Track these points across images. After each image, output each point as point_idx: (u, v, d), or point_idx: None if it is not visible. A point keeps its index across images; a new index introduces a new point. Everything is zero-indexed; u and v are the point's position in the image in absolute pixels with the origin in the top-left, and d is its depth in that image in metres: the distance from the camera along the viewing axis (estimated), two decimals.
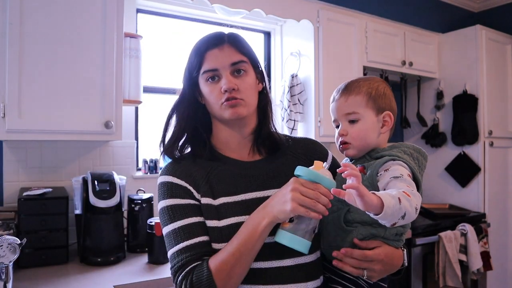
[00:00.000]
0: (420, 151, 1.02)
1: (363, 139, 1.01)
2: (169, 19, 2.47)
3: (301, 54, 2.62)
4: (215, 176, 1.00)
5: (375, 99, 1.01)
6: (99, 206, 1.72)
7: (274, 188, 1.00)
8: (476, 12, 3.84)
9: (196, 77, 1.01)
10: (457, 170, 3.11)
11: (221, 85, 0.98)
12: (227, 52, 0.99)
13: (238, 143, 1.06)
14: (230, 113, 0.98)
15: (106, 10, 1.79)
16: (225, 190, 0.99)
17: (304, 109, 2.61)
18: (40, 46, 1.66)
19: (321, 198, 0.84)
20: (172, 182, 0.99)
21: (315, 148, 1.15)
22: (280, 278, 0.95)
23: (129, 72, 1.98)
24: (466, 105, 3.03)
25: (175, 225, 0.95)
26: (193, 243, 0.92)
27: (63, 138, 1.75)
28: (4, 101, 1.60)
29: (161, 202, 0.99)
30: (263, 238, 0.89)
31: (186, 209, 0.96)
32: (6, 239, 1.25)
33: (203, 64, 0.99)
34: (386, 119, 1.03)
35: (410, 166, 0.94)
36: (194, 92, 1.03)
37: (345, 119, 1.02)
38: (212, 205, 0.97)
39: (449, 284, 2.52)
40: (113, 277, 1.57)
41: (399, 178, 0.89)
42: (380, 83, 1.05)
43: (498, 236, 3.11)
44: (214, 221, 0.95)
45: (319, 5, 2.56)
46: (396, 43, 2.93)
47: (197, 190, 0.98)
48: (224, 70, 0.98)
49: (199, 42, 1.03)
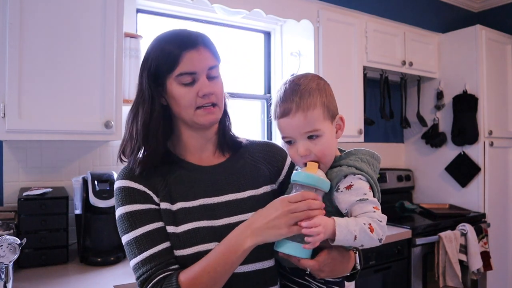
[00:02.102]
0: (374, 155, 0.99)
1: (329, 154, 0.95)
2: (169, 19, 2.47)
3: (301, 54, 2.62)
4: (173, 180, 0.97)
5: (329, 106, 0.94)
6: (99, 206, 1.72)
7: (232, 193, 0.99)
8: (476, 12, 3.85)
9: (165, 77, 0.95)
10: (457, 170, 3.11)
11: (197, 89, 0.93)
12: (204, 55, 0.94)
13: (200, 146, 1.03)
14: (206, 120, 0.96)
15: (106, 10, 1.79)
16: (183, 195, 0.96)
17: None
18: (40, 46, 1.66)
19: (312, 205, 0.84)
20: (130, 186, 0.94)
21: (274, 151, 1.12)
22: (239, 284, 0.93)
23: (129, 72, 1.98)
24: (466, 105, 3.03)
25: (136, 233, 0.91)
26: (157, 252, 0.89)
27: (63, 138, 1.75)
28: (4, 101, 1.60)
29: (119, 208, 0.94)
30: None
31: (146, 215, 0.92)
32: (6, 239, 1.25)
33: (178, 65, 0.93)
34: (339, 123, 0.98)
35: (369, 179, 0.92)
36: (157, 92, 0.96)
37: (304, 136, 0.93)
38: (170, 210, 0.94)
39: (449, 284, 2.52)
40: (113, 277, 1.57)
41: (365, 202, 0.88)
42: (323, 82, 0.97)
43: (498, 236, 3.11)
44: (172, 227, 0.93)
45: (319, 5, 2.56)
46: (396, 43, 2.93)
47: (156, 194, 0.95)
48: (201, 74, 0.94)
49: (168, 40, 0.95)
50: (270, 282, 0.99)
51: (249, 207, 0.98)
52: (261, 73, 2.85)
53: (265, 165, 1.08)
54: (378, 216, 0.88)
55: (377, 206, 0.90)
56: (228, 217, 0.96)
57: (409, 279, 2.50)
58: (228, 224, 0.95)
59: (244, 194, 1.00)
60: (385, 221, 0.89)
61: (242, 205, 0.99)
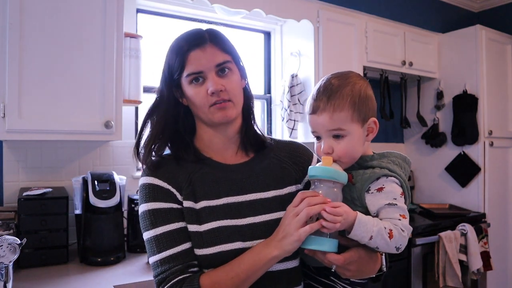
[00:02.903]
0: (406, 159, 0.99)
1: (351, 155, 0.94)
2: (169, 19, 2.47)
3: (301, 54, 2.62)
4: (197, 179, 0.97)
5: (360, 109, 0.94)
6: (99, 206, 1.72)
7: (256, 192, 0.98)
8: (476, 12, 3.85)
9: (178, 79, 0.96)
10: (457, 170, 3.11)
11: (207, 87, 0.94)
12: (210, 53, 0.94)
13: (223, 144, 1.03)
14: (220, 117, 0.95)
15: (106, 10, 1.79)
16: (207, 193, 0.96)
17: (304, 109, 2.61)
18: (40, 46, 1.66)
19: (311, 201, 0.84)
20: (154, 184, 0.95)
21: (300, 151, 1.11)
22: (261, 284, 0.91)
23: (129, 72, 1.98)
24: (466, 105, 3.03)
25: (156, 231, 0.91)
26: (177, 252, 0.90)
27: (63, 138, 1.75)
28: (4, 101, 1.60)
29: (142, 205, 0.95)
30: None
31: (168, 214, 0.92)
32: (6, 239, 1.25)
33: (185, 66, 0.94)
34: (371, 126, 0.98)
35: (402, 182, 0.92)
36: (175, 93, 0.98)
37: (329, 134, 0.94)
38: (193, 209, 0.94)
39: (449, 284, 2.52)
40: (113, 277, 1.57)
41: (394, 207, 0.88)
42: (361, 83, 0.97)
43: (498, 236, 3.11)
44: (195, 226, 0.92)
45: (319, 5, 2.56)
46: (396, 43, 2.93)
47: (179, 193, 0.95)
48: (209, 72, 0.94)
49: (178, 42, 0.98)
50: (294, 282, 0.98)
51: (273, 207, 0.98)
52: (261, 73, 2.85)
53: (291, 165, 1.06)
54: (402, 225, 0.88)
55: (404, 214, 0.90)
56: (252, 217, 0.95)
57: (409, 279, 2.50)
58: (252, 223, 0.95)
59: (268, 194, 1.00)
60: (408, 232, 0.88)
61: (266, 205, 0.98)
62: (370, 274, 0.97)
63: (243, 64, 1.04)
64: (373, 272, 0.98)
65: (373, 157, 0.98)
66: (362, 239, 0.86)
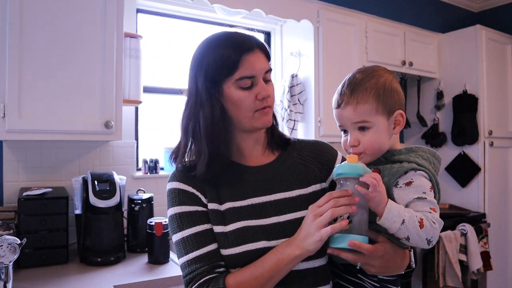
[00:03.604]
0: (435, 154, 0.98)
1: (377, 147, 0.95)
2: (169, 19, 2.48)
3: (301, 54, 2.62)
4: (222, 181, 0.99)
5: (385, 101, 0.94)
6: (99, 206, 1.72)
7: (281, 192, 0.99)
8: (476, 12, 3.85)
9: (222, 81, 0.94)
10: (457, 170, 3.11)
11: (256, 92, 0.94)
12: (261, 59, 0.96)
13: (250, 147, 1.04)
14: (263, 122, 0.97)
15: (106, 10, 1.79)
16: (232, 195, 0.98)
17: (304, 109, 2.61)
18: (40, 46, 1.66)
19: (338, 202, 0.84)
20: (179, 188, 0.98)
21: (323, 150, 1.11)
22: (288, 283, 0.92)
23: (129, 72, 1.98)
24: (466, 105, 3.03)
25: (184, 234, 0.94)
26: (203, 253, 0.92)
27: (63, 138, 1.75)
28: (4, 101, 1.60)
29: (169, 209, 0.98)
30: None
31: (194, 216, 0.95)
32: (6, 239, 1.25)
33: (237, 69, 0.92)
34: (398, 119, 0.97)
35: (431, 176, 0.91)
36: (216, 94, 0.95)
37: (355, 127, 0.95)
38: (218, 210, 0.96)
39: (449, 284, 2.52)
40: (113, 277, 1.57)
41: (424, 201, 0.87)
42: (386, 76, 0.97)
43: (498, 236, 3.11)
44: (221, 227, 0.95)
45: (319, 5, 2.56)
46: (396, 43, 2.93)
47: (204, 196, 0.98)
48: (259, 77, 0.95)
49: (225, 44, 0.95)
50: (322, 281, 0.98)
51: (297, 206, 0.98)
52: None
53: (315, 164, 1.07)
54: (433, 217, 0.86)
55: (435, 208, 0.88)
56: (276, 216, 0.96)
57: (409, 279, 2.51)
58: (277, 223, 0.96)
59: (292, 193, 1.00)
60: (439, 225, 0.87)
61: (291, 204, 0.98)
62: (398, 271, 0.97)
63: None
64: (401, 269, 0.98)
65: (401, 151, 0.97)
66: (392, 224, 0.84)
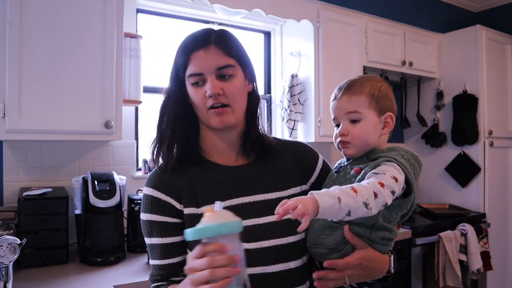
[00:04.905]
0: (417, 158, 1.00)
1: (364, 140, 0.98)
2: (169, 19, 2.47)
3: (301, 54, 2.62)
4: (199, 183, 0.97)
5: (378, 100, 0.99)
6: (99, 206, 1.72)
7: (260, 193, 0.98)
8: (476, 12, 3.85)
9: (183, 77, 0.96)
10: (457, 170, 3.11)
11: (206, 89, 0.93)
12: (212, 55, 0.93)
13: (226, 147, 1.02)
14: (217, 122, 0.94)
15: (106, 10, 1.79)
16: (209, 197, 0.94)
17: (304, 109, 2.61)
18: (40, 46, 1.66)
19: (216, 261, 0.73)
20: (152, 196, 0.96)
21: (304, 152, 1.10)
22: (263, 285, 0.90)
23: (129, 72, 1.98)
24: (466, 105, 3.03)
25: (152, 241, 0.97)
26: (164, 264, 0.96)
27: (63, 138, 1.75)
28: (4, 101, 1.60)
29: (141, 214, 0.99)
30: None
31: (163, 227, 0.95)
32: (6, 239, 1.25)
33: (188, 65, 0.94)
34: (388, 121, 1.01)
35: (403, 169, 0.91)
36: (182, 91, 0.98)
37: (347, 118, 0.99)
38: (195, 214, 0.94)
39: (449, 284, 2.52)
40: (113, 277, 1.57)
41: (377, 175, 0.88)
42: (383, 84, 1.03)
43: (498, 236, 3.11)
44: None
45: (319, 5, 2.56)
46: (396, 43, 2.93)
47: (179, 201, 0.96)
48: (209, 74, 0.93)
49: (185, 40, 0.97)
50: (297, 282, 0.97)
51: (276, 208, 0.97)
52: (261, 73, 2.85)
53: (295, 165, 1.05)
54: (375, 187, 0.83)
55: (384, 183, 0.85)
56: (255, 218, 0.95)
57: (409, 279, 2.50)
58: (256, 224, 0.94)
59: (272, 195, 0.99)
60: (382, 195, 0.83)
61: (270, 206, 0.95)
62: (377, 276, 0.98)
63: (251, 67, 1.02)
64: (381, 273, 0.98)
65: (383, 150, 0.99)
66: (332, 208, 0.78)
